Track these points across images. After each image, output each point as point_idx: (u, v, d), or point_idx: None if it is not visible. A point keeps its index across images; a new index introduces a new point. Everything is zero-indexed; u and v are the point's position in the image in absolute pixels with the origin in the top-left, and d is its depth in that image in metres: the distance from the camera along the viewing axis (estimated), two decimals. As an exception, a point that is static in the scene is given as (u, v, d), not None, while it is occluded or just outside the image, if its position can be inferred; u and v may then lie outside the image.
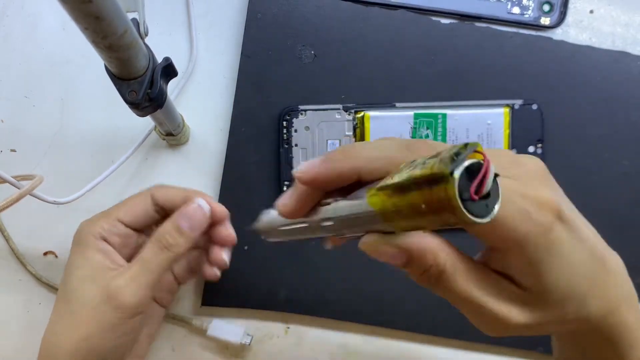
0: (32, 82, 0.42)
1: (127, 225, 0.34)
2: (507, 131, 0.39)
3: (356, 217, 0.21)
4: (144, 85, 0.28)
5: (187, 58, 0.42)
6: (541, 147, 0.40)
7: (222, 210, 0.34)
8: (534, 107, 0.39)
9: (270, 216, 0.27)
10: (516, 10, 0.41)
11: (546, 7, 0.41)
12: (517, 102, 0.39)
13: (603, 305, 0.22)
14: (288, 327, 0.41)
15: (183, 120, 0.39)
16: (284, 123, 0.39)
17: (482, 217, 0.17)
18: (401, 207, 0.18)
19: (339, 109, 0.39)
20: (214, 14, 0.42)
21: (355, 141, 0.39)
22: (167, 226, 0.33)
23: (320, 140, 0.39)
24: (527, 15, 0.41)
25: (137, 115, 0.31)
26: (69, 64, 0.42)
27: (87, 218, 0.41)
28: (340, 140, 0.39)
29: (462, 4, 0.41)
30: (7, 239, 0.41)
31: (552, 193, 0.21)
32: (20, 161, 0.41)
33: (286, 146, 0.39)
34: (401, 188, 0.18)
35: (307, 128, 0.39)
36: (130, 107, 0.30)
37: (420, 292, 0.40)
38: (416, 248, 0.21)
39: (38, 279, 0.41)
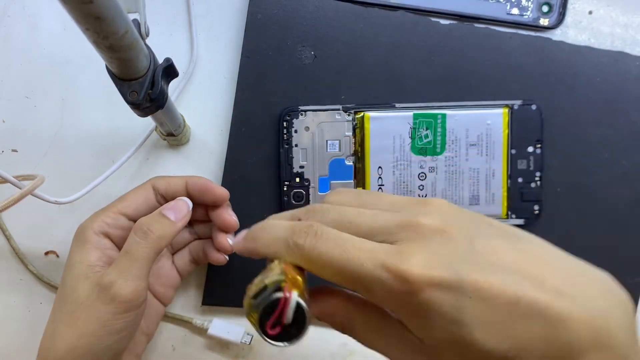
0: (33, 82, 0.42)
1: (130, 218, 0.34)
2: (506, 131, 0.39)
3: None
4: (145, 86, 0.29)
5: (187, 58, 0.42)
6: (540, 147, 0.40)
7: (222, 192, 0.35)
8: (533, 107, 0.40)
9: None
10: (515, 11, 0.41)
11: (545, 8, 0.41)
12: (517, 103, 0.40)
13: (504, 344, 0.20)
14: (288, 327, 0.41)
15: (184, 121, 0.40)
16: (284, 123, 0.39)
17: (285, 341, 0.22)
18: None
19: (338, 109, 0.39)
20: (214, 15, 0.42)
21: (355, 141, 0.39)
22: (151, 215, 0.33)
23: (320, 141, 0.40)
24: (526, 16, 0.41)
25: (138, 115, 0.31)
26: (70, 64, 0.42)
27: (86, 217, 0.41)
28: (340, 141, 0.40)
29: (461, 4, 0.41)
30: (8, 239, 0.41)
31: (423, 259, 0.21)
32: (21, 161, 0.41)
33: (286, 146, 0.40)
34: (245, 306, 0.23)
35: (307, 128, 0.39)
36: (131, 108, 0.30)
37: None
38: (317, 313, 0.25)
39: (39, 279, 0.41)
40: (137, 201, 0.35)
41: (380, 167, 0.40)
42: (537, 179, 0.40)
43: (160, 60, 0.30)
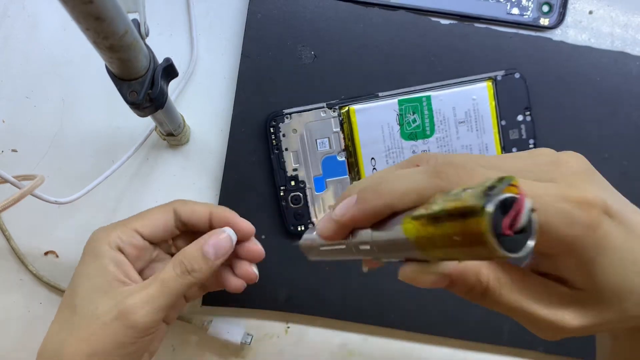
0: (33, 82, 0.42)
1: (144, 238, 0.34)
2: (493, 104, 0.39)
3: (392, 243, 0.21)
4: (145, 86, 0.29)
5: (187, 58, 0.42)
6: (529, 115, 0.40)
7: (249, 227, 0.34)
8: (517, 75, 0.39)
9: (312, 236, 0.28)
10: (515, 10, 0.41)
11: (545, 8, 0.41)
12: (499, 74, 0.40)
13: None
14: (288, 327, 0.41)
15: (184, 121, 0.40)
16: (271, 129, 0.39)
17: (515, 251, 0.17)
18: (435, 237, 0.18)
19: (322, 107, 0.39)
20: (214, 15, 0.42)
21: (344, 136, 0.39)
22: (193, 251, 0.32)
23: (309, 141, 0.40)
24: (526, 16, 0.41)
25: (138, 115, 0.31)
26: (70, 65, 0.42)
27: (86, 217, 0.41)
28: (329, 138, 0.40)
29: (461, 4, 0.41)
30: (8, 239, 0.41)
31: (596, 189, 0.21)
32: (21, 161, 0.41)
33: (277, 152, 0.40)
34: (435, 218, 0.18)
35: (294, 131, 0.39)
36: (131, 108, 0.30)
37: (420, 292, 0.40)
38: (456, 272, 0.21)
39: (39, 279, 0.41)
40: (155, 223, 0.34)
41: (372, 158, 0.40)
42: (531, 146, 0.40)
43: (160, 60, 0.30)
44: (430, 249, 0.19)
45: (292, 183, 0.40)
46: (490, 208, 0.16)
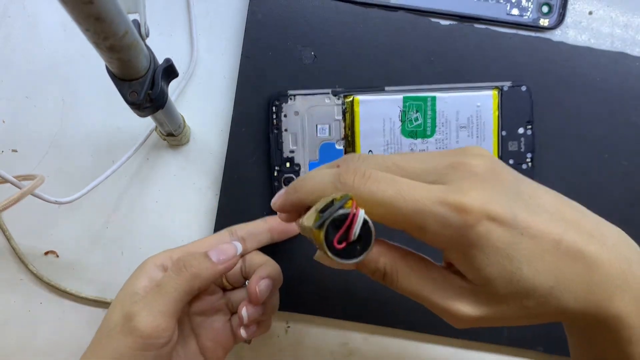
0: (33, 82, 0.42)
1: None
2: (497, 113, 0.39)
3: (305, 232, 0.25)
4: (145, 86, 0.29)
5: (187, 59, 0.42)
6: (530, 129, 0.40)
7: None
8: (523, 88, 0.40)
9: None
10: (515, 11, 0.41)
11: (545, 9, 0.41)
12: (506, 84, 0.40)
13: (583, 299, 0.22)
14: (288, 327, 0.41)
15: (184, 121, 0.40)
16: (274, 108, 0.39)
17: (349, 258, 0.22)
18: (313, 239, 0.23)
19: (328, 93, 0.39)
20: (214, 15, 0.42)
21: (345, 125, 0.39)
22: (193, 253, 0.32)
23: (310, 125, 0.39)
24: (526, 17, 0.41)
25: (138, 115, 0.31)
26: (70, 65, 0.42)
27: (86, 217, 0.41)
28: (329, 125, 0.39)
29: (461, 5, 0.41)
30: (8, 239, 0.41)
31: (481, 194, 0.22)
32: (21, 161, 0.41)
33: (276, 131, 0.39)
34: (307, 228, 0.23)
35: (296, 113, 0.39)
36: (131, 108, 0.30)
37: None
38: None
39: (39, 279, 0.41)
40: (210, 244, 0.33)
41: (370, 150, 0.39)
42: (528, 160, 0.40)
43: (160, 60, 0.30)
44: (313, 243, 0.23)
45: (287, 165, 0.40)
46: (315, 227, 0.21)
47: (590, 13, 0.42)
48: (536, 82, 0.40)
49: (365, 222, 0.22)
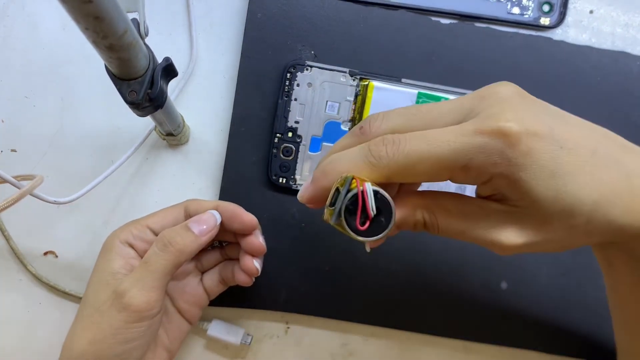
0: (32, 82, 0.42)
1: (155, 234, 0.34)
2: None
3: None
4: (144, 86, 0.29)
5: (187, 58, 0.42)
6: None
7: (250, 219, 0.34)
8: None
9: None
10: (516, 10, 0.41)
11: (546, 8, 0.41)
12: None
13: (629, 210, 0.22)
14: (288, 327, 0.41)
15: (183, 121, 0.40)
16: (288, 75, 0.39)
17: (379, 232, 0.22)
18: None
19: (345, 72, 0.39)
20: (214, 14, 0.42)
21: (354, 108, 0.39)
22: (174, 227, 0.33)
23: (320, 100, 0.39)
24: (527, 16, 0.41)
25: (138, 115, 0.31)
26: (70, 64, 0.42)
27: (85, 217, 0.41)
28: (339, 104, 0.39)
29: (462, 4, 0.41)
30: (7, 239, 0.41)
31: (516, 115, 0.22)
32: (20, 161, 0.41)
33: (285, 98, 0.39)
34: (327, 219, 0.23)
35: (309, 84, 0.39)
36: (130, 107, 0.30)
37: (420, 292, 0.40)
38: (398, 221, 0.24)
39: (38, 279, 0.41)
40: (166, 218, 0.35)
41: None
42: None
43: (160, 59, 0.30)
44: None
45: (290, 134, 0.39)
46: (333, 222, 0.21)
47: (591, 12, 0.42)
48: (536, 81, 0.40)
49: (375, 192, 0.21)
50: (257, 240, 0.35)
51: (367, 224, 0.21)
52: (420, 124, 0.24)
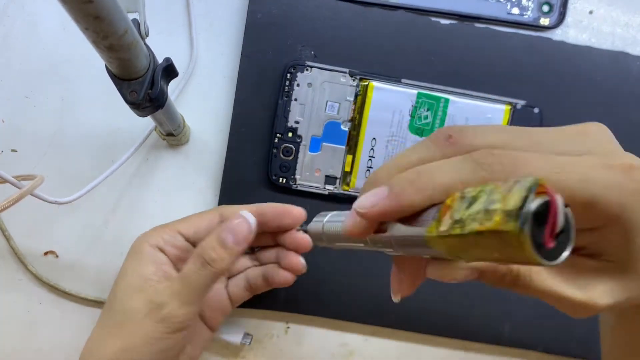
0: (32, 82, 0.42)
1: (187, 239, 0.34)
2: None
3: (418, 248, 0.20)
4: (145, 86, 0.29)
5: (187, 58, 0.42)
6: None
7: (302, 211, 0.33)
8: (536, 110, 0.40)
9: (326, 226, 0.27)
10: (515, 10, 0.41)
11: (545, 8, 0.41)
12: (520, 103, 0.40)
13: None
14: (288, 327, 0.41)
15: (183, 121, 0.40)
16: (288, 75, 0.39)
17: (555, 258, 0.17)
18: (469, 250, 0.18)
19: (345, 72, 0.39)
20: (214, 15, 0.42)
21: (354, 108, 0.39)
22: (210, 240, 0.31)
23: (320, 100, 0.39)
24: (526, 16, 0.41)
25: (138, 115, 0.31)
26: (70, 64, 0.42)
27: (86, 217, 0.41)
28: (339, 104, 0.39)
29: (461, 4, 0.41)
30: (7, 239, 0.41)
31: (628, 154, 0.20)
32: (20, 161, 0.41)
33: (285, 98, 0.39)
34: (466, 237, 0.17)
35: (309, 85, 0.39)
36: (130, 108, 0.30)
37: (420, 292, 0.40)
38: (487, 265, 0.21)
39: (38, 279, 0.41)
40: (198, 224, 0.34)
41: (374, 138, 0.39)
42: None
43: (160, 60, 0.30)
44: (462, 256, 0.19)
45: (290, 134, 0.40)
46: (527, 229, 0.16)
47: (591, 12, 0.42)
48: (536, 82, 0.40)
49: (565, 206, 0.17)
50: (301, 234, 0.34)
51: (553, 242, 0.16)
52: (529, 144, 0.20)
